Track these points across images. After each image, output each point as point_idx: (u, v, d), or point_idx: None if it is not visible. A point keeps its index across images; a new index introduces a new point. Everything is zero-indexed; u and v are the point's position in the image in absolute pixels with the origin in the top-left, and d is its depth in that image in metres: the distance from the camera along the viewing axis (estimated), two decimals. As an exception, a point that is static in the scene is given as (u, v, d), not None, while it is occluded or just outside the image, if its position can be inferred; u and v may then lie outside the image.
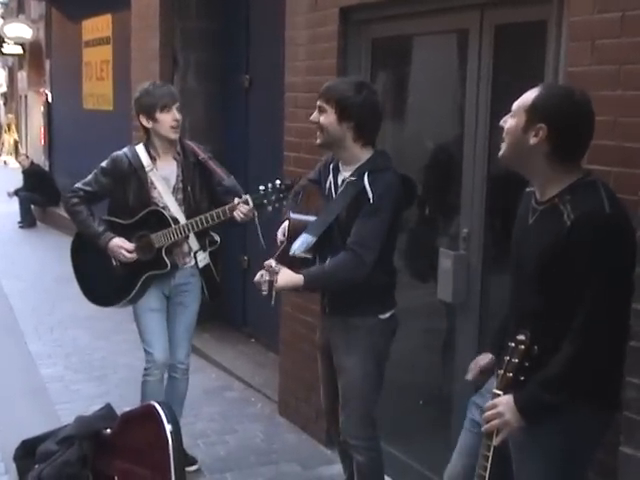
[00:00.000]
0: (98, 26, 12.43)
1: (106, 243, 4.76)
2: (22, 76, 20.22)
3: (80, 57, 13.42)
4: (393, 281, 4.02)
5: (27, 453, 4.60)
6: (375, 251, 3.69)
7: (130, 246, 4.75)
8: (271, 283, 3.72)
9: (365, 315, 3.87)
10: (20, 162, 15.76)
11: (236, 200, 4.47)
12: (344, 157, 3.87)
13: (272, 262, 3.76)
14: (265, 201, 4.37)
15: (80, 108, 13.49)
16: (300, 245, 3.81)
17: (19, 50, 19.36)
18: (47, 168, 15.96)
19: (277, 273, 3.69)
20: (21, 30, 17.74)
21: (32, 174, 15.18)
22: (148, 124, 4.79)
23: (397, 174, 3.79)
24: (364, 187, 3.72)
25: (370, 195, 3.69)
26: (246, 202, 4.42)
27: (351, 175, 3.82)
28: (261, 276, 3.75)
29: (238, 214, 4.46)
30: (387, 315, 3.91)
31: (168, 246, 4.73)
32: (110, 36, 11.91)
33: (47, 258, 11.77)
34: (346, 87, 3.78)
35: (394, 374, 4.65)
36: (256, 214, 4.47)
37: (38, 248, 12.84)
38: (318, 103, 3.83)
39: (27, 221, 14.84)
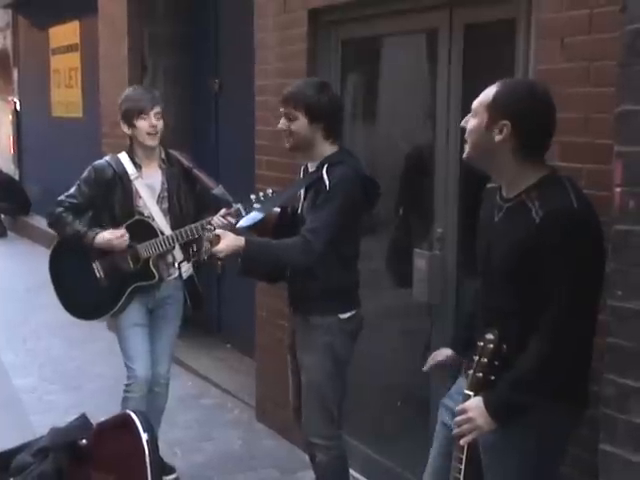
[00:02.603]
0: (66, 33, 12.34)
1: (92, 239, 4.63)
2: (-10, 85, 20.06)
3: (48, 65, 13.32)
4: (355, 281, 4.03)
5: (1, 466, 4.53)
6: (324, 238, 3.70)
7: (119, 232, 4.62)
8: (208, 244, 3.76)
9: (324, 314, 3.90)
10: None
11: (224, 210, 4.38)
12: (313, 155, 3.94)
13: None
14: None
15: (49, 116, 13.39)
16: (247, 220, 3.91)
17: (-14, 59, 19.21)
18: (17, 177, 15.83)
19: (219, 237, 3.72)
20: (-13, 39, 17.60)
21: (1, 183, 15.03)
22: (128, 131, 4.72)
23: (355, 170, 3.83)
24: (322, 176, 3.77)
25: (327, 183, 3.74)
26: (237, 211, 4.33)
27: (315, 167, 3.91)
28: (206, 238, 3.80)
29: (227, 223, 4.37)
30: (347, 315, 3.92)
31: (155, 257, 4.68)
32: (78, 43, 11.82)
33: (18, 268, 11.65)
34: (309, 90, 3.86)
35: (371, 375, 4.65)
36: None
37: (9, 258, 12.71)
38: (285, 110, 3.89)
39: (-2, 231, 14.70)
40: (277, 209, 4.00)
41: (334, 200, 3.72)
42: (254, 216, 3.90)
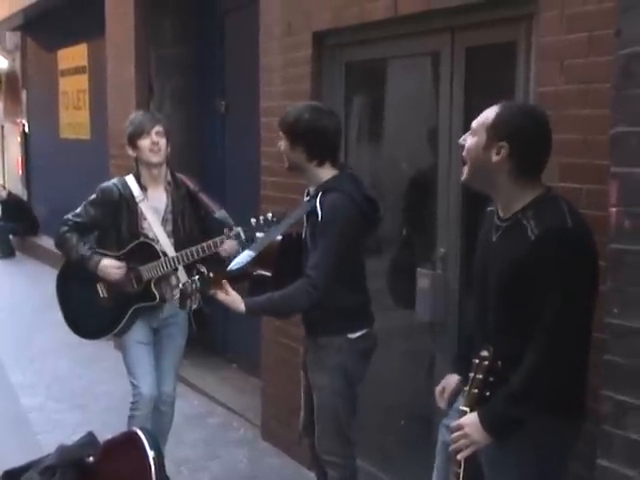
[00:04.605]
0: (74, 55, 12.45)
1: (96, 264, 4.72)
2: (-2, 106, 20.16)
3: (56, 87, 13.43)
4: (364, 301, 4.05)
5: (9, 484, 4.57)
6: (326, 273, 3.73)
7: (118, 264, 4.72)
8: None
9: (333, 334, 3.92)
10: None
11: (226, 231, 4.43)
12: (308, 178, 4.00)
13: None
14: (257, 234, 4.28)
15: (57, 137, 13.48)
16: (239, 261, 3.93)
17: (-5, 80, 19.32)
18: (25, 198, 15.91)
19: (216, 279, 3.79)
20: (-4, 61, 17.71)
21: (10, 204, 15.11)
22: (133, 153, 4.80)
23: (349, 196, 3.81)
24: (315, 206, 3.80)
25: (319, 212, 3.78)
26: (237, 234, 4.38)
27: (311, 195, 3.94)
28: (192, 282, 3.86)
29: (228, 247, 4.44)
30: (357, 335, 3.94)
31: (157, 279, 4.74)
32: (86, 65, 11.93)
33: (26, 288, 11.71)
34: (294, 112, 3.92)
35: (375, 394, 4.67)
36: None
37: (17, 278, 12.78)
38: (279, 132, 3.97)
39: (6, 251, 14.73)
40: (279, 237, 4.03)
41: (328, 232, 3.74)
42: (244, 257, 3.92)
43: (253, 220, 4.23)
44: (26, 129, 15.74)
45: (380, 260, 4.96)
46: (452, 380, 3.36)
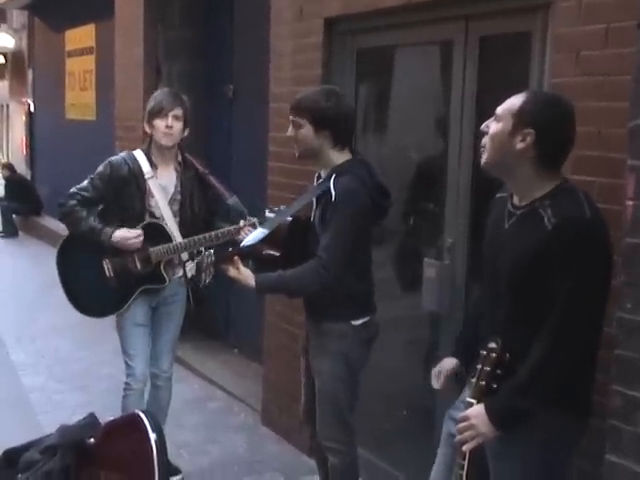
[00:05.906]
0: (81, 36, 12.42)
1: (109, 236, 4.64)
2: (4, 85, 20.08)
3: (63, 67, 13.40)
4: (368, 288, 4.03)
5: (9, 463, 4.56)
6: (337, 255, 3.71)
7: (135, 232, 4.65)
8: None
9: (336, 320, 3.90)
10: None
11: (242, 222, 4.40)
12: (322, 163, 3.94)
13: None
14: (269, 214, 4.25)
15: (63, 118, 13.46)
16: (251, 239, 3.92)
17: (1, 59, 19.27)
18: (29, 177, 15.90)
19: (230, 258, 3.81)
20: (2, 39, 17.65)
21: (14, 183, 15.11)
22: (149, 130, 4.76)
23: (362, 181, 3.79)
24: (329, 187, 3.77)
25: (333, 194, 3.74)
26: (253, 224, 4.33)
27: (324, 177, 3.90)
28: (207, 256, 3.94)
29: (243, 236, 4.33)
30: (360, 322, 3.92)
31: (165, 261, 4.72)
32: (93, 46, 11.90)
33: (29, 268, 11.72)
34: (315, 97, 3.86)
35: (378, 383, 4.66)
36: None
37: (20, 258, 12.78)
38: (292, 118, 3.89)
39: (9, 231, 14.75)
40: (289, 218, 4.01)
41: (341, 214, 3.71)
42: (257, 234, 3.91)
43: (267, 210, 4.20)
44: (31, 109, 15.72)
45: (387, 249, 4.94)
46: (449, 363, 3.34)
